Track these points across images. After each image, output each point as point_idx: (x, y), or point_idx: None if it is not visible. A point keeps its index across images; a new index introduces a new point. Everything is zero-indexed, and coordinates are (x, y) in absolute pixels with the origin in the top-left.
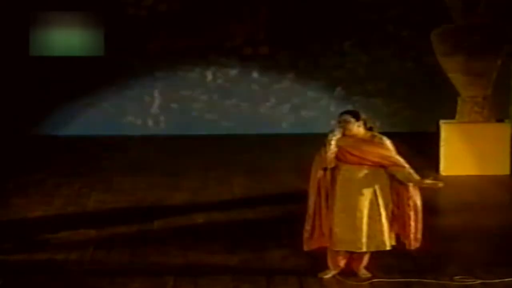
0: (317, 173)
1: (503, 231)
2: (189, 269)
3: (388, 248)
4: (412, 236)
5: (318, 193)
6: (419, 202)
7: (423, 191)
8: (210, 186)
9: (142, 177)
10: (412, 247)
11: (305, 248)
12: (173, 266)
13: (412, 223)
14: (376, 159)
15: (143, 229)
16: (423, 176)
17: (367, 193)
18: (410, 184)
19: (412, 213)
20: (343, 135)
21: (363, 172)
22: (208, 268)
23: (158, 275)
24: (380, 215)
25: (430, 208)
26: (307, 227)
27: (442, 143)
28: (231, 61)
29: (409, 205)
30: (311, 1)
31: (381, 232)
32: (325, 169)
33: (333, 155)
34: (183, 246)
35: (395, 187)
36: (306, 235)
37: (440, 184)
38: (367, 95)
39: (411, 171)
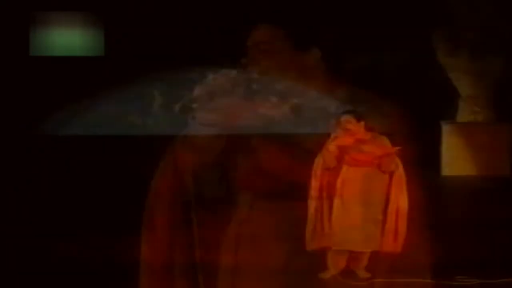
0: (318, 173)
1: (503, 231)
2: (189, 269)
3: (386, 248)
4: (390, 239)
5: (319, 193)
6: (404, 205)
7: (423, 191)
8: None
9: (142, 178)
10: (391, 250)
11: (306, 248)
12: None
13: (392, 226)
14: (376, 160)
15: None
16: (423, 177)
17: (367, 193)
18: (398, 188)
19: (393, 217)
20: (344, 135)
21: (363, 172)
22: (208, 268)
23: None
24: (379, 215)
25: (429, 208)
26: (308, 227)
27: (443, 143)
28: (231, 61)
29: (393, 208)
30: (311, 1)
31: (381, 232)
32: (326, 169)
33: (334, 155)
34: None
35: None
36: (307, 235)
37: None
38: (367, 95)
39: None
